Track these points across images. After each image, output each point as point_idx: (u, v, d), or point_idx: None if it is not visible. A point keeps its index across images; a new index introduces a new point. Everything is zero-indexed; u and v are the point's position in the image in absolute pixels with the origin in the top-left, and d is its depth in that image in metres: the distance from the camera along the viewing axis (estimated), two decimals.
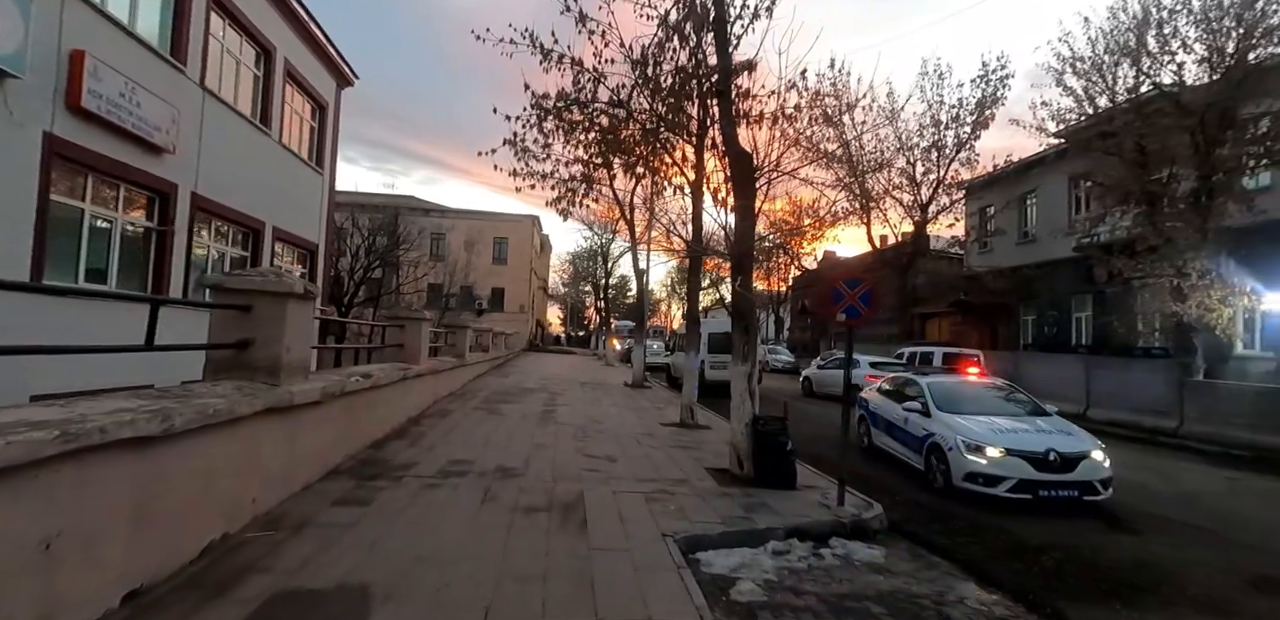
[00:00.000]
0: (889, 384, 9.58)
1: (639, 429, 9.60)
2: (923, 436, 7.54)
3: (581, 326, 76.56)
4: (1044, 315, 22.25)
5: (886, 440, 8.77)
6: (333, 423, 5.68)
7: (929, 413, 7.68)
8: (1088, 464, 6.63)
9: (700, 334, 10.84)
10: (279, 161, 12.24)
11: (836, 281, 5.83)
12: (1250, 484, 8.60)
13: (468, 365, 13.97)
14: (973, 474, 6.64)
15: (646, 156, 12.39)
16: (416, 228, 35.53)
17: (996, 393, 8.55)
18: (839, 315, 5.83)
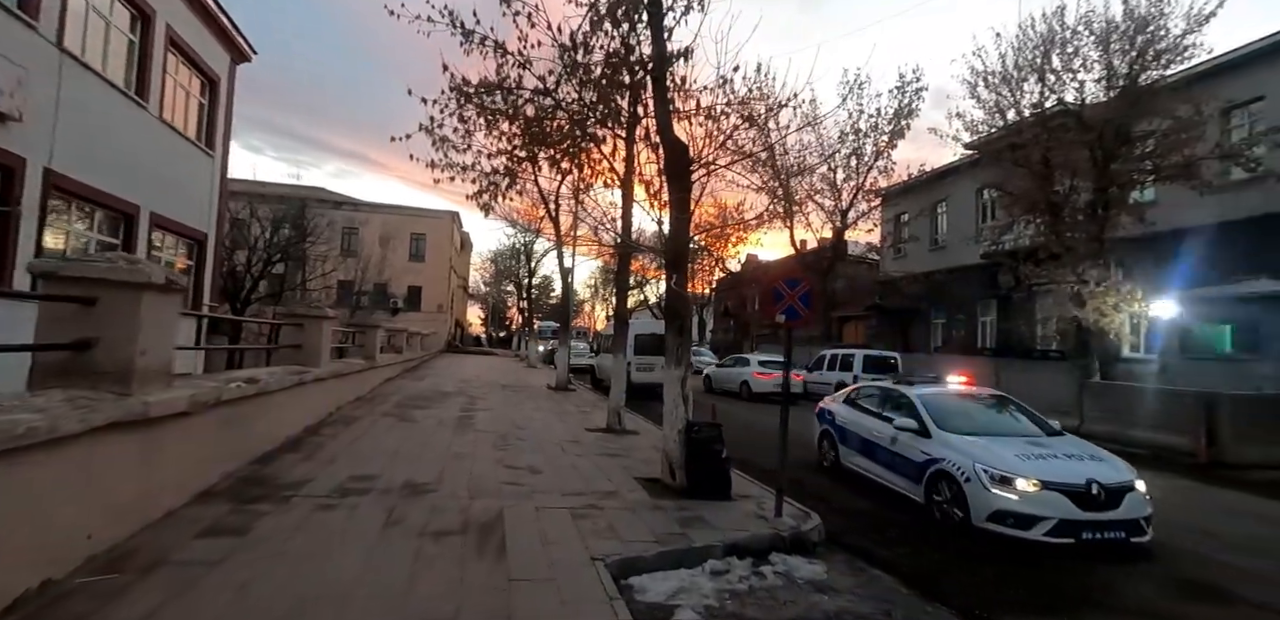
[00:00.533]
0: (859, 394, 8.47)
1: (564, 435, 9.09)
2: (922, 462, 6.33)
3: (504, 327, 74.74)
4: (953, 319, 23.35)
5: (861, 461, 7.56)
6: (206, 436, 4.87)
7: (927, 432, 6.49)
8: (1133, 498, 5.50)
9: (627, 335, 10.43)
10: (159, 139, 10.89)
11: (777, 281, 5.56)
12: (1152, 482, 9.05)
13: (378, 367, 12.98)
14: (1001, 513, 5.38)
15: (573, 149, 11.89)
16: (326, 221, 33.36)
17: (993, 406, 7.33)
18: (778, 316, 5.56)
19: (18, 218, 7.75)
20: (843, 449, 8.03)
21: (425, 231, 40.80)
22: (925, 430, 6.54)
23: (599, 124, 9.58)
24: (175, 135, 11.37)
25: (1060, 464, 5.72)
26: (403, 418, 9.59)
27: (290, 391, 6.90)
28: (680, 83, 6.64)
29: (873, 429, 7.42)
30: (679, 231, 6.25)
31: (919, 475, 6.36)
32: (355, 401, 10.81)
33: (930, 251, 24.79)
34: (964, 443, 6.16)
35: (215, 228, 13.16)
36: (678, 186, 6.22)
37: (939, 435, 6.40)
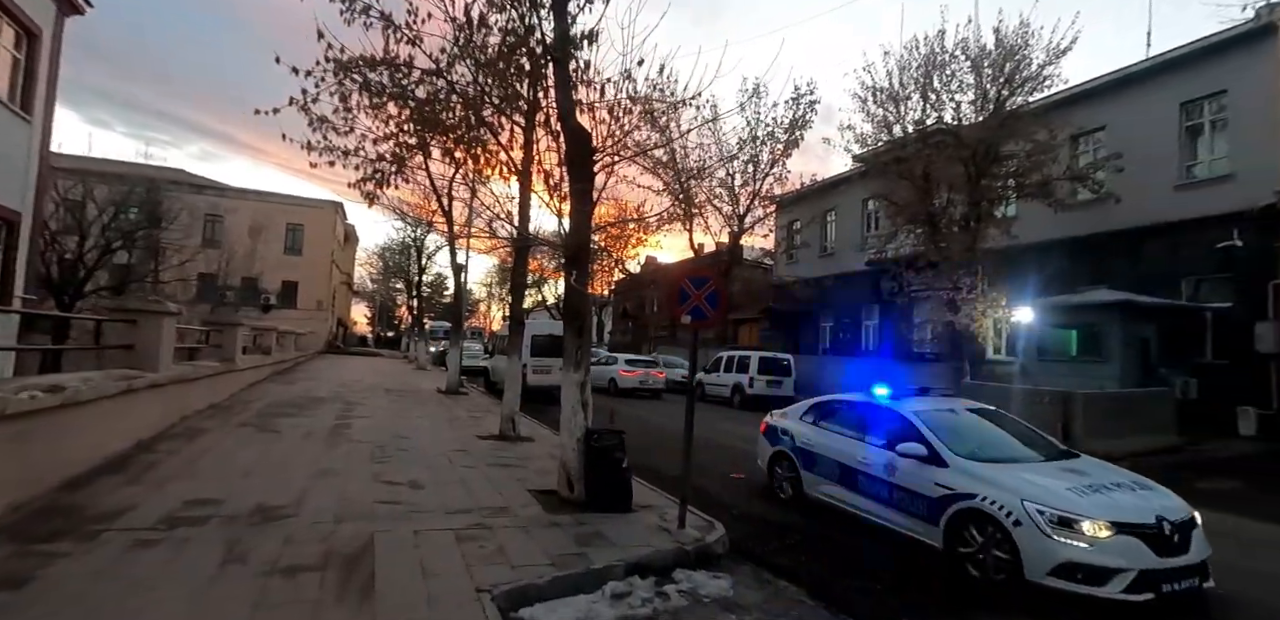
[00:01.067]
0: (821, 411, 7.06)
1: (452, 444, 8.39)
2: (939, 498, 5.03)
3: (392, 327, 70.89)
4: (840, 323, 24.49)
5: (838, 492, 6.14)
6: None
7: (941, 460, 5.19)
8: (1198, 535, 4.58)
9: (524, 336, 9.86)
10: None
11: (682, 280, 5.29)
12: None
13: (238, 370, 11.56)
14: (1069, 566, 4.27)
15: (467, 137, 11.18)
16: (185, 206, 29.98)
17: (993, 423, 6.14)
18: (684, 316, 5.29)
19: None
20: (807, 476, 6.59)
21: (304, 222, 37.68)
22: (938, 458, 5.22)
23: (496, 110, 8.99)
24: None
25: (1119, 498, 4.64)
26: (264, 428, 8.48)
27: (114, 401, 5.80)
28: (585, 68, 6.23)
29: (854, 454, 6.04)
30: (580, 225, 5.83)
31: (933, 515, 5.06)
32: (208, 410, 9.50)
33: (820, 258, 25.88)
34: (997, 474, 4.93)
35: (33, 207, 11.19)
36: (579, 177, 5.81)
37: (958, 464, 5.11)
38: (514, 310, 9.69)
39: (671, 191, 24.73)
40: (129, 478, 5.43)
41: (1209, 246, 13.16)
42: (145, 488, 5.17)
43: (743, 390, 17.34)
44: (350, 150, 14.34)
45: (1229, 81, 13.27)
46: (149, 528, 4.24)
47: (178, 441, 7.13)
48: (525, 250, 9.71)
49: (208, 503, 4.88)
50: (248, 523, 4.50)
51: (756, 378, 17.07)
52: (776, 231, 27.93)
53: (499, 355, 18.44)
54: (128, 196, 20.73)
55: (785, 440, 7.09)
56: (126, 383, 5.99)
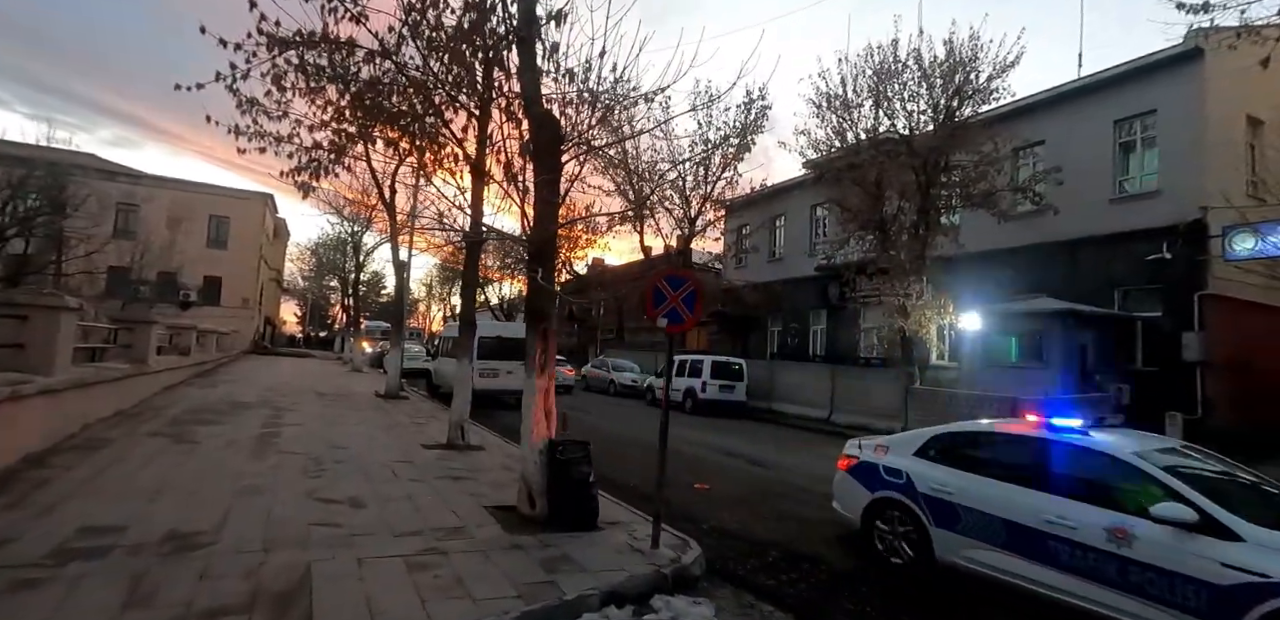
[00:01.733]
0: (954, 443, 5.37)
1: (395, 455, 7.75)
2: (1234, 587, 3.51)
3: (325, 326, 67.78)
4: (788, 327, 24.69)
5: (1010, 563, 4.44)
6: None
7: (1225, 530, 3.68)
8: None
9: (473, 338, 9.28)
10: None
11: (658, 280, 4.93)
12: None
13: (151, 373, 10.48)
14: None
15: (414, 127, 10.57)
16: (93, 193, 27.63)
17: (1222, 467, 4.61)
18: (659, 319, 4.92)
19: None
20: (945, 536, 4.85)
21: (229, 214, 35.40)
22: (1218, 527, 3.69)
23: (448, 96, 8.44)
24: None
25: None
26: (179, 438, 7.61)
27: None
28: (552, 50, 5.79)
29: (1036, 511, 4.35)
30: (545, 218, 5.39)
31: (1225, 612, 3.52)
32: (114, 417, 8.50)
33: (769, 263, 26.06)
34: None
35: None
36: (545, 167, 5.37)
37: (1259, 537, 3.60)
38: (465, 310, 9.11)
39: (622, 192, 24.45)
40: (11, 500, 4.64)
41: (1140, 258, 13.80)
42: (31, 512, 4.41)
43: (695, 395, 17.14)
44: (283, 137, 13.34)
45: (1159, 101, 13.97)
46: (33, 563, 3.56)
47: (75, 455, 6.26)
48: (478, 247, 9.15)
49: (108, 530, 4.18)
50: (157, 553, 3.86)
51: (709, 382, 16.89)
52: (726, 236, 28.01)
53: (443, 357, 17.62)
54: (25, 179, 18.81)
55: (897, 484, 5.29)
56: (10, 388, 5.16)
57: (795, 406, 16.67)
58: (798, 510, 6.96)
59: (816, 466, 9.96)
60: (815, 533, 6.04)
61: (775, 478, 8.82)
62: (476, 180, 8.66)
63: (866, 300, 18.43)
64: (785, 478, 8.86)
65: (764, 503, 7.22)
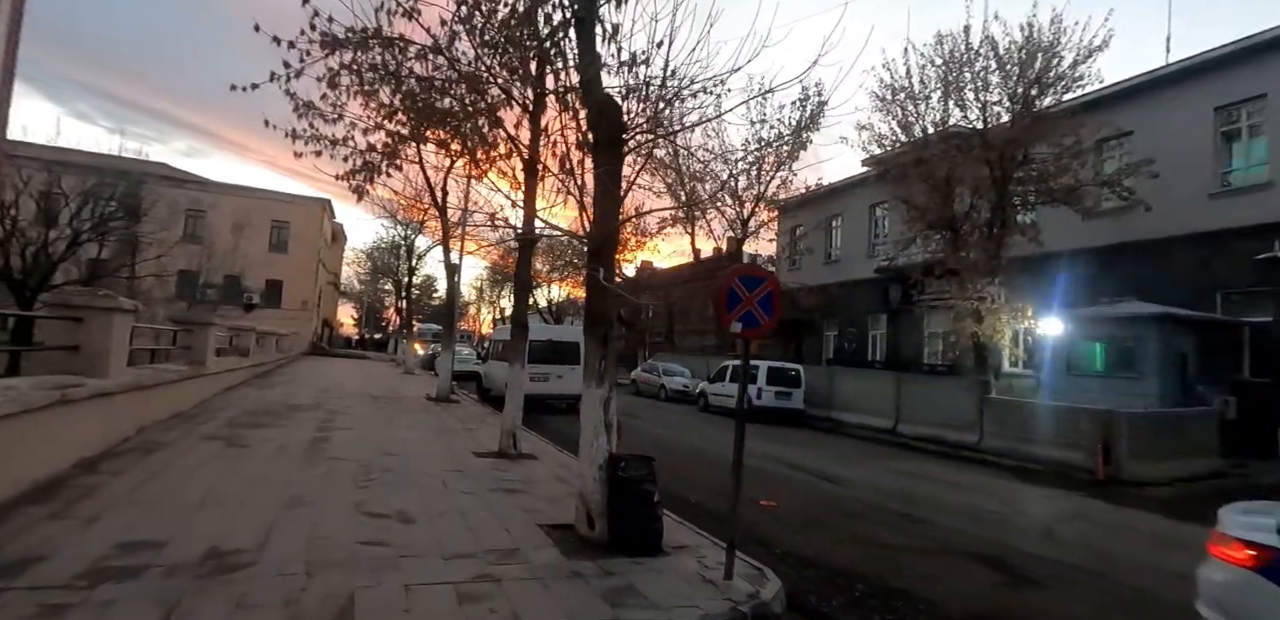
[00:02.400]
0: None
1: (446, 463, 7.45)
2: None
3: (379, 328, 69.55)
4: (844, 332, 23.73)
5: None
6: None
7: None
8: None
9: (525, 342, 8.93)
10: None
11: (732, 280, 4.42)
12: (1064, 501, 8.88)
13: (210, 375, 10.54)
14: None
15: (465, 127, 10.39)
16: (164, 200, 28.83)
17: None
18: (733, 324, 4.42)
19: None
20: None
21: (290, 219, 36.52)
22: None
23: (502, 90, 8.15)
24: None
25: None
26: (232, 442, 7.50)
27: (45, 413, 4.84)
28: (612, 33, 5.37)
29: None
30: (606, 213, 4.96)
31: None
32: (171, 419, 8.50)
33: (824, 264, 25.15)
34: None
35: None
36: (607, 157, 4.94)
37: None
38: (517, 313, 8.78)
39: (673, 193, 23.99)
40: (54, 510, 4.47)
41: (1246, 257, 12.52)
42: (71, 524, 4.21)
43: (750, 402, 16.49)
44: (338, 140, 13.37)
45: (1270, 85, 12.66)
46: (63, 585, 3.30)
47: (128, 459, 6.15)
48: (530, 247, 8.81)
49: (146, 546, 3.93)
50: (194, 575, 3.57)
51: (765, 389, 16.21)
52: (779, 237, 27.22)
53: (493, 360, 17.48)
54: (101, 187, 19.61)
55: None
56: (61, 392, 5.02)
57: (857, 415, 15.82)
58: (878, 534, 6.32)
59: (888, 482, 9.25)
60: (904, 563, 5.41)
61: (847, 495, 8.16)
62: (530, 177, 8.33)
63: (933, 303, 17.42)
64: (857, 495, 8.19)
65: (839, 524, 6.61)
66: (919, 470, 10.58)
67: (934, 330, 19.86)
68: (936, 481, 9.67)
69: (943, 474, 10.35)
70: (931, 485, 9.33)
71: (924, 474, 10.24)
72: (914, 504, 7.79)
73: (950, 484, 9.50)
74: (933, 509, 7.59)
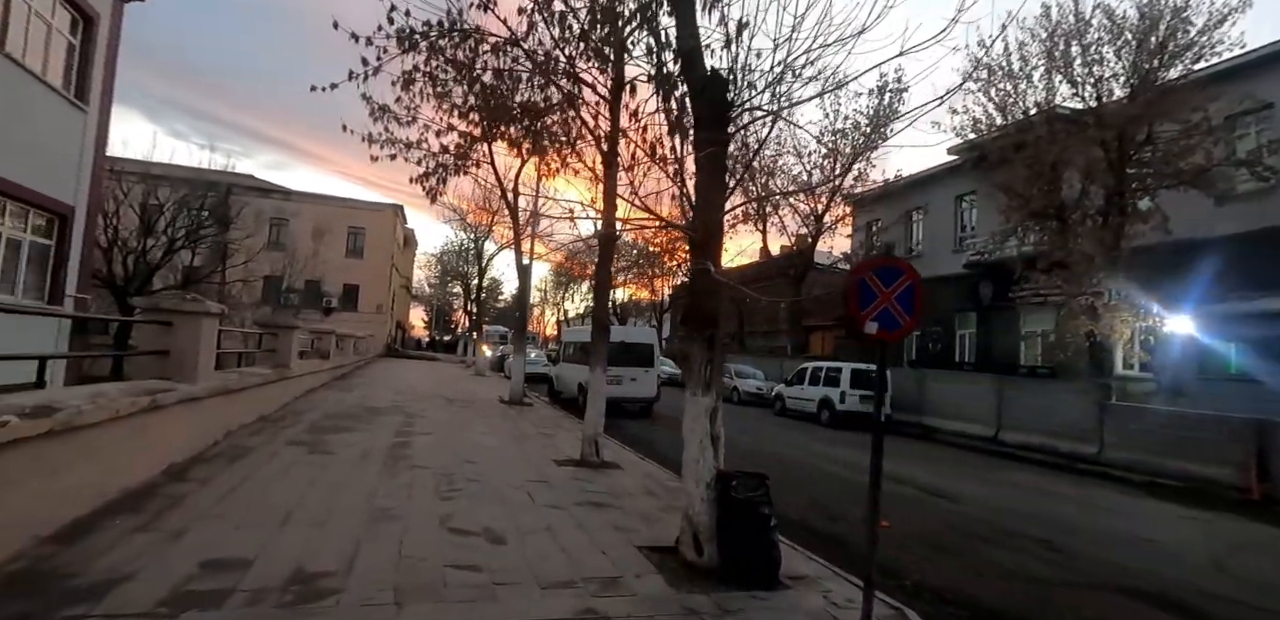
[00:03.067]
0: None
1: (528, 472, 7.10)
2: None
3: (448, 330, 71.45)
4: (928, 332, 22.35)
5: None
6: None
7: None
8: None
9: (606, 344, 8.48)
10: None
11: (865, 273, 3.80)
12: (1214, 525, 7.75)
13: (292, 378, 10.63)
14: None
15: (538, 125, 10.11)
16: (253, 210, 30.25)
17: None
18: (868, 325, 3.79)
19: None
20: None
21: (365, 225, 37.75)
22: None
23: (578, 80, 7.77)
24: (25, 75, 8.83)
25: None
26: (315, 447, 7.38)
27: (136, 419, 4.71)
28: None
29: None
30: (711, 200, 4.43)
31: None
32: (256, 423, 8.51)
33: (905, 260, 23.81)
34: None
35: (87, 202, 10.56)
36: (710, 137, 4.41)
37: None
38: (597, 313, 8.37)
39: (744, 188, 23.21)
40: (144, 521, 4.29)
41: None
42: (158, 538, 4.01)
43: (832, 406, 15.60)
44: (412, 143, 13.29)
45: None
46: (145, 612, 3.03)
47: (216, 465, 6.05)
48: (611, 244, 8.38)
49: (232, 565, 3.66)
50: (278, 602, 3.25)
51: (849, 392, 15.29)
52: (855, 232, 26.00)
53: (564, 362, 17.26)
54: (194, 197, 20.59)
55: None
56: (150, 398, 4.89)
57: (951, 422, 14.70)
58: (1017, 563, 5.54)
59: (1008, 499, 8.33)
60: (1059, 601, 4.65)
61: (968, 514, 7.33)
62: (609, 171, 7.89)
63: (1033, 300, 16.05)
64: (978, 514, 7.35)
65: (970, 551, 5.85)
66: (1037, 485, 9.57)
67: (1032, 329, 18.36)
68: (1062, 499, 8.67)
69: (1065, 490, 9.30)
70: (1057, 503, 8.35)
71: (1045, 489, 9.23)
72: (1046, 526, 6.91)
73: (1078, 502, 8.49)
74: (1070, 533, 6.69)
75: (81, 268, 10.57)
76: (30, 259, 9.53)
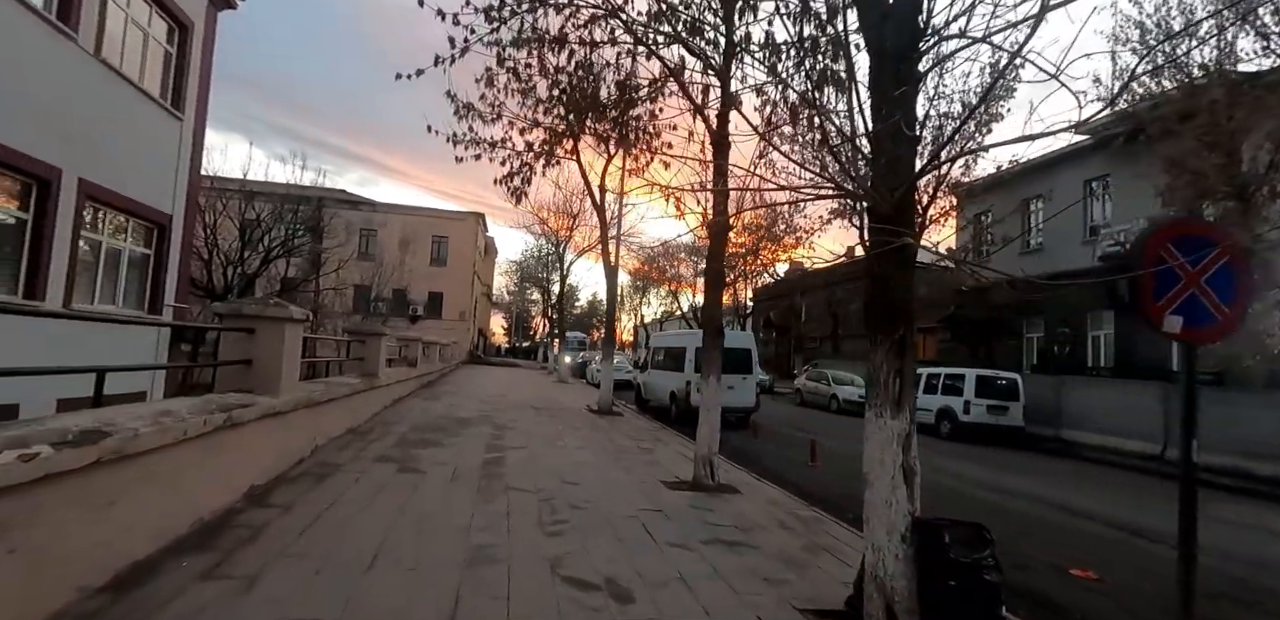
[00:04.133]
0: None
1: (637, 497, 6.18)
2: None
3: (527, 336, 72.45)
4: (1055, 333, 20.03)
5: None
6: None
7: None
8: None
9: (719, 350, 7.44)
10: (97, 85, 8.32)
11: (1160, 243, 2.65)
12: None
13: (381, 387, 10.21)
14: None
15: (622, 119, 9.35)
16: (343, 221, 31.26)
17: None
18: (1166, 321, 2.62)
19: None
20: None
21: (448, 234, 38.46)
22: None
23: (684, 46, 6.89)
24: (123, 84, 8.79)
25: None
26: (404, 464, 6.75)
27: (205, 440, 4.10)
28: None
29: None
30: (900, 159, 3.37)
31: None
32: (345, 436, 8.03)
33: (1022, 255, 21.56)
34: None
35: (185, 211, 10.57)
36: (898, 77, 3.34)
37: None
38: (709, 313, 7.36)
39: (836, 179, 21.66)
40: (214, 561, 3.63)
41: None
42: (228, 588, 3.31)
43: (954, 417, 13.95)
44: (496, 141, 12.74)
45: None
46: None
47: (301, 485, 5.46)
48: (724, 233, 7.38)
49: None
50: None
51: (974, 402, 13.61)
52: (959, 225, 23.83)
53: (653, 370, 16.39)
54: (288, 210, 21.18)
55: None
56: (226, 415, 4.29)
57: (1098, 436, 12.77)
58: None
59: (1241, 543, 6.68)
60: None
61: (1204, 567, 5.80)
62: (720, 149, 6.91)
63: None
64: (1214, 565, 5.82)
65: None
66: (1261, 521, 7.80)
67: None
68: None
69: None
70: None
71: (1274, 529, 7.48)
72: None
73: None
74: None
75: (180, 277, 10.58)
76: (130, 268, 9.53)
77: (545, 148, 13.41)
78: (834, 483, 8.50)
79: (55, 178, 7.52)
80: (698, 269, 41.62)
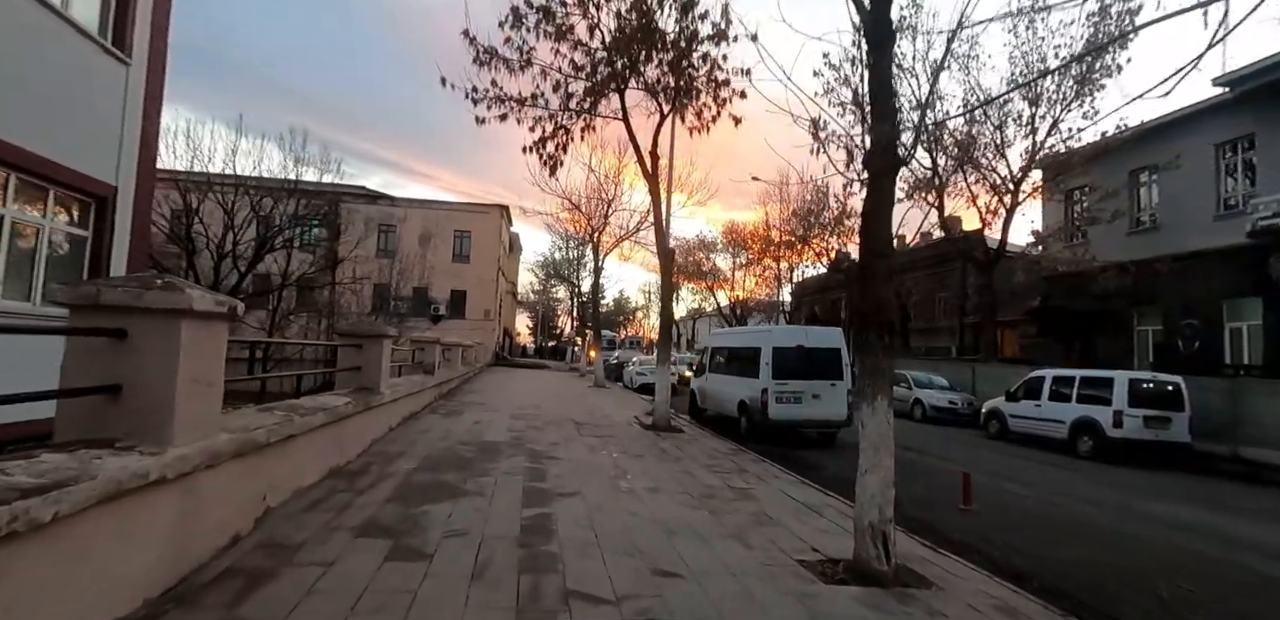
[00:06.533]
0: None
1: (781, 603, 3.67)
2: None
3: (552, 336, 70.44)
4: (1177, 325, 17.04)
5: None
6: None
7: None
8: None
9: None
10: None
11: None
12: None
13: (382, 404, 7.85)
14: None
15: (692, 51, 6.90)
16: (361, 215, 29.36)
17: None
18: None
19: None
20: None
21: (470, 228, 36.38)
22: None
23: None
24: (35, 6, 6.53)
25: None
26: (400, 541, 4.32)
27: None
28: None
29: None
30: None
31: None
32: (323, 483, 5.66)
33: (1130, 234, 18.59)
34: None
35: (136, 183, 8.32)
36: None
37: None
38: (879, 297, 4.77)
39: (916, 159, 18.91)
40: None
41: None
42: None
43: (1099, 432, 11.18)
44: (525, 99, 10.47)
45: None
46: None
47: (204, 613, 3.06)
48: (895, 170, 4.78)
49: None
50: None
51: (1128, 413, 10.83)
52: (1046, 204, 20.87)
53: (711, 373, 13.88)
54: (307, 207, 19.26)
55: None
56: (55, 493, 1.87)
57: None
58: None
59: None
60: None
61: None
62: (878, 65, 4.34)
63: None
64: None
65: None
66: None
67: None
68: None
69: None
70: None
71: None
72: None
73: None
74: None
75: (134, 267, 8.35)
76: (53, 254, 7.31)
77: (587, 102, 11.03)
78: (1030, 545, 5.94)
79: None
80: (735, 263, 38.98)
